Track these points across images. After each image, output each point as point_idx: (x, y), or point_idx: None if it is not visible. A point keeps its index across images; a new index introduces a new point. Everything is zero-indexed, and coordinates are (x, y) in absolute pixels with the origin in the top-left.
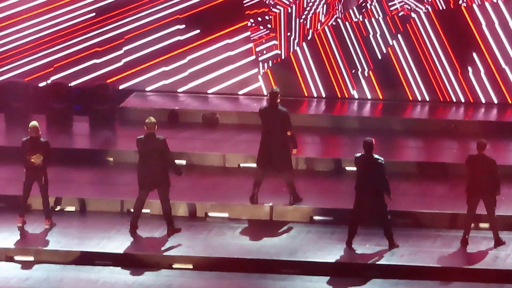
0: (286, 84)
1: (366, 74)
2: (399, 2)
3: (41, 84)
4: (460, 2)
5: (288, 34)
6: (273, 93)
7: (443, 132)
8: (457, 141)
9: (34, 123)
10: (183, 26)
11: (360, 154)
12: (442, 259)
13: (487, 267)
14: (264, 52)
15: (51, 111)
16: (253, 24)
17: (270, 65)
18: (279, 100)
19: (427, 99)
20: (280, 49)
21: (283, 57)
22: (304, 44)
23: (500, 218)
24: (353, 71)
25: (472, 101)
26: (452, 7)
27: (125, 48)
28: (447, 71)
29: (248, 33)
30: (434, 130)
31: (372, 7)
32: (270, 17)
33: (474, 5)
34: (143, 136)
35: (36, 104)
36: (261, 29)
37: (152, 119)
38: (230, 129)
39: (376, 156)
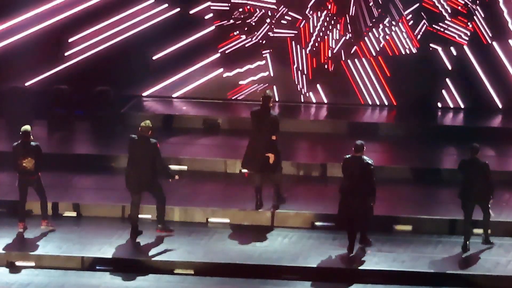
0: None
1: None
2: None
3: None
4: None
5: (295, 66)
6: (266, 97)
7: (443, 137)
8: (458, 146)
9: (25, 127)
10: None
11: (349, 155)
12: (444, 265)
13: (488, 273)
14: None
15: (52, 116)
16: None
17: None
18: (271, 104)
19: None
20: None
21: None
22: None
23: (501, 224)
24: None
25: None
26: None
27: None
28: None
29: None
30: (434, 135)
31: (393, 33)
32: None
33: None
34: (136, 136)
35: (37, 110)
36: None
37: (148, 123)
38: (232, 134)
39: (366, 158)
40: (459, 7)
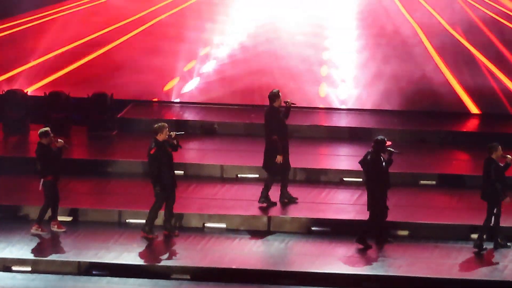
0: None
1: None
2: None
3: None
4: None
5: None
6: (270, 95)
7: (443, 143)
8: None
9: (40, 129)
10: None
11: (369, 151)
12: (440, 270)
13: (485, 278)
14: None
15: (49, 120)
16: None
17: None
18: (275, 102)
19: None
20: None
21: None
22: None
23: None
24: None
25: None
26: None
27: None
28: None
29: None
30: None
31: None
32: None
33: None
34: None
35: (35, 114)
36: None
37: (160, 125)
38: (228, 139)
39: (382, 156)
40: None
